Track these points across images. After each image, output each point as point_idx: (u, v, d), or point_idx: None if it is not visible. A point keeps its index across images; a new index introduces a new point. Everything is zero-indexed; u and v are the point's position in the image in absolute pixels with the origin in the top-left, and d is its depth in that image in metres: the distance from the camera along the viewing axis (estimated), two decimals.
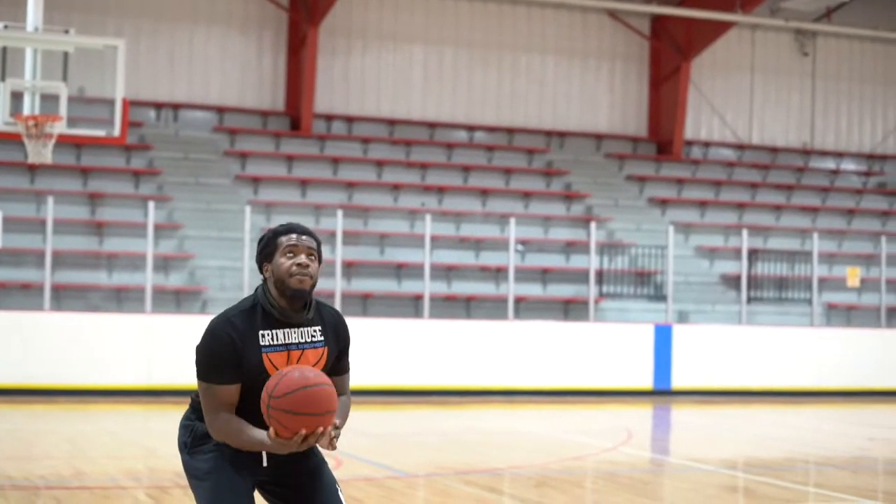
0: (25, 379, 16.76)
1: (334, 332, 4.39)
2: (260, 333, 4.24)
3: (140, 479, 9.94)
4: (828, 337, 20.76)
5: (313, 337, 4.32)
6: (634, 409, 17.95)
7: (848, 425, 16.65)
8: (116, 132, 14.79)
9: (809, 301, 21.56)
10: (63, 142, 15.73)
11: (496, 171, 24.74)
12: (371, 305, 20.17)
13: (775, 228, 24.86)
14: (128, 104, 14.88)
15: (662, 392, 19.46)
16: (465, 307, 20.86)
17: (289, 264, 4.23)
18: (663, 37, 26.63)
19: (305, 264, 4.24)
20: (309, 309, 4.31)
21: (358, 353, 17.49)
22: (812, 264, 21.29)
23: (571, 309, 21.35)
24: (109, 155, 22.05)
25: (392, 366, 18.24)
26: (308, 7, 23.68)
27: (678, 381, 19.55)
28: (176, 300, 19.40)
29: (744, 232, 21.13)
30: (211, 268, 19.91)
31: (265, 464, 4.33)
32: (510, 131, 26.09)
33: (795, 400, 19.73)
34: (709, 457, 12.37)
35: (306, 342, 4.30)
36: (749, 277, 21.44)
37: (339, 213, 18.95)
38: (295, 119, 24.38)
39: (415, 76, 25.52)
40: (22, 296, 18.64)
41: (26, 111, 14.40)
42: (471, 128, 25.92)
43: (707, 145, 27.60)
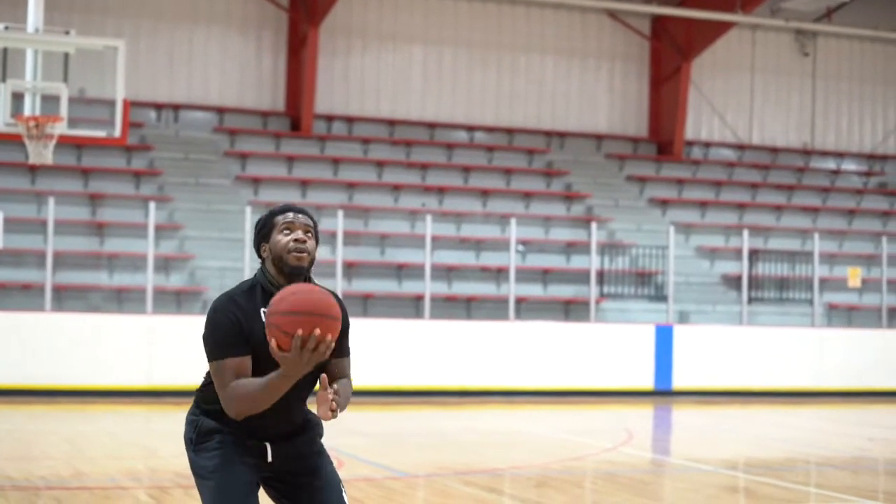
0: (26, 379, 16.76)
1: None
2: (262, 311, 4.24)
3: (140, 480, 9.94)
4: (829, 337, 20.76)
5: None
6: (635, 410, 17.94)
7: (848, 425, 16.64)
8: (117, 133, 14.80)
9: (810, 301, 21.55)
10: (64, 142, 15.74)
11: (496, 172, 24.74)
12: (372, 306, 20.17)
13: (776, 229, 24.86)
14: (128, 105, 14.89)
15: (663, 392, 19.46)
16: (466, 308, 20.86)
17: (286, 241, 4.26)
18: (663, 37, 26.63)
19: (302, 240, 4.27)
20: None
21: (358, 354, 17.48)
22: (813, 264, 21.28)
23: (572, 309, 21.35)
24: (110, 155, 22.06)
25: (393, 366, 18.24)
26: (308, 7, 23.68)
27: (679, 382, 19.54)
28: (176, 301, 19.40)
29: (744, 232, 21.12)
30: (211, 268, 19.92)
31: (270, 459, 4.33)
32: (510, 132, 26.09)
33: (796, 400, 19.73)
34: (709, 457, 12.37)
35: None
36: (750, 278, 21.44)
37: (340, 214, 18.96)
38: (295, 119, 24.38)
39: (415, 76, 25.53)
40: (23, 296, 18.65)
41: (27, 112, 14.41)
42: (471, 128, 25.92)
43: (707, 145, 27.60)
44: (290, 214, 4.33)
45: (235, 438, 4.31)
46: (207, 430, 4.34)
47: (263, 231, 4.35)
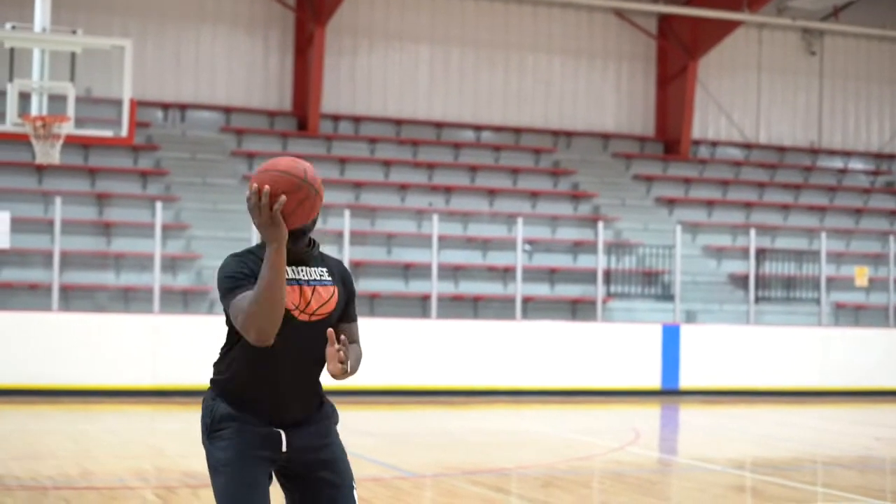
0: (32, 379, 16.78)
1: (341, 277, 4.45)
2: None
3: (147, 479, 9.94)
4: (836, 336, 20.74)
5: (322, 276, 4.38)
6: (642, 409, 17.93)
7: (855, 425, 16.62)
8: (124, 132, 14.81)
9: (817, 301, 21.53)
10: (70, 142, 15.76)
11: (503, 171, 24.74)
12: (378, 305, 20.17)
13: (783, 228, 24.83)
14: (135, 104, 14.90)
15: (670, 392, 19.44)
16: (473, 307, 20.86)
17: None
18: (670, 36, 26.61)
19: None
20: (313, 246, 4.38)
21: (365, 354, 17.46)
22: (820, 264, 21.26)
23: (579, 309, 21.34)
24: (117, 155, 22.08)
25: (399, 366, 18.24)
26: (314, 7, 23.69)
27: (686, 381, 19.53)
28: (183, 300, 19.41)
29: (751, 231, 21.10)
30: (218, 268, 19.90)
31: (284, 448, 4.32)
32: (517, 131, 26.08)
33: (803, 399, 19.70)
34: (716, 457, 12.35)
35: (316, 279, 4.36)
36: (757, 277, 21.42)
37: (347, 213, 18.97)
38: (302, 119, 24.39)
39: (421, 76, 25.53)
40: (30, 296, 18.67)
41: (34, 112, 14.42)
42: (478, 127, 25.91)
43: (714, 145, 27.58)
44: None
45: (250, 427, 4.30)
46: (222, 417, 4.33)
47: None
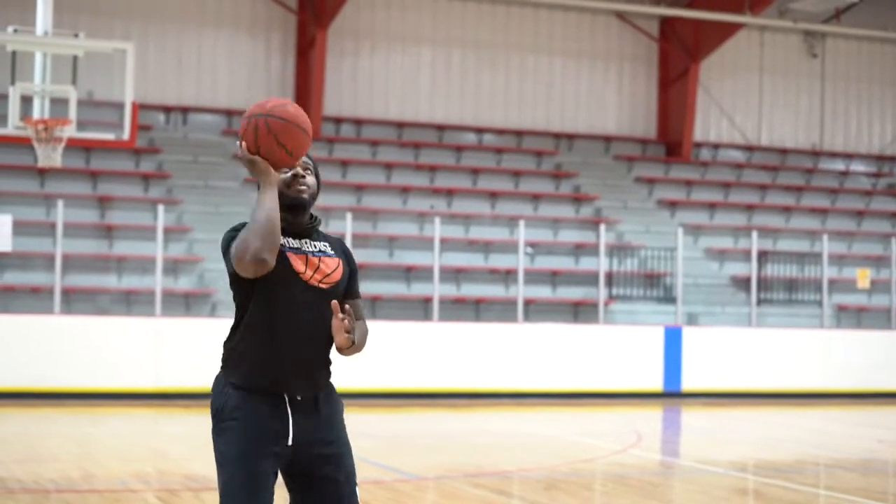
0: (34, 382, 16.78)
1: (343, 252, 4.52)
2: None
3: (149, 482, 9.94)
4: (838, 338, 20.73)
5: (325, 248, 4.45)
6: (644, 412, 17.93)
7: (858, 427, 16.62)
8: (125, 135, 14.82)
9: (819, 303, 21.52)
10: (72, 145, 15.76)
11: (505, 174, 24.74)
12: (380, 308, 20.17)
13: (785, 230, 24.83)
14: (137, 107, 14.91)
15: (672, 394, 19.43)
16: (475, 310, 20.85)
17: (285, 176, 4.42)
18: (672, 38, 26.62)
19: (301, 175, 4.42)
20: (314, 221, 4.46)
21: (367, 356, 17.46)
22: (822, 266, 21.25)
23: (581, 311, 21.34)
24: (118, 158, 22.08)
25: (401, 368, 18.24)
26: (316, 9, 23.70)
27: (688, 384, 19.52)
28: (185, 303, 19.42)
29: (753, 234, 21.10)
30: (220, 271, 19.90)
31: (291, 441, 4.31)
32: (519, 133, 26.08)
33: (805, 402, 19.69)
34: (719, 459, 12.35)
35: (320, 251, 4.42)
36: (759, 279, 21.40)
37: (349, 216, 18.97)
38: None
39: (423, 78, 25.53)
40: (32, 299, 18.67)
41: (36, 115, 14.44)
42: (479, 130, 25.91)
43: (716, 147, 27.57)
44: None
45: (258, 418, 4.28)
46: (231, 408, 4.31)
47: None
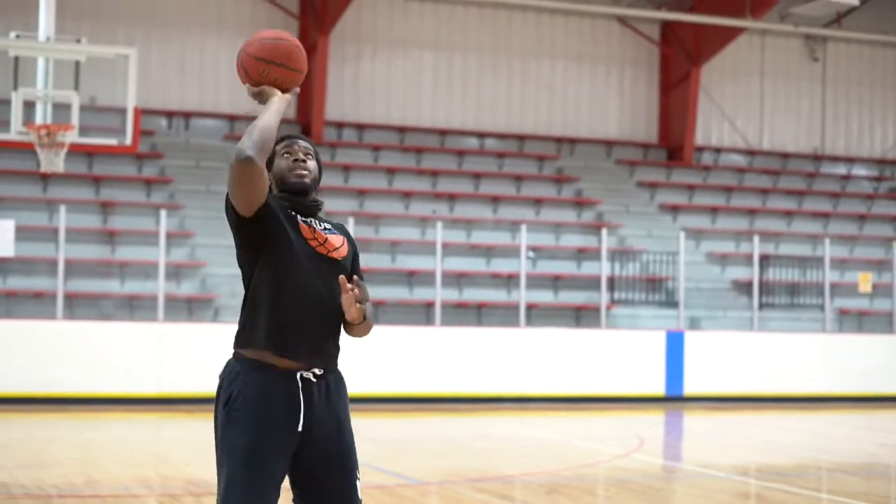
0: (37, 387, 16.79)
1: (346, 234, 4.60)
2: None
3: (152, 487, 9.96)
4: (839, 342, 20.73)
5: (329, 227, 4.53)
6: (646, 416, 17.93)
7: (860, 431, 16.62)
8: (128, 141, 14.85)
9: (821, 307, 21.52)
10: (75, 151, 15.80)
11: (507, 178, 24.75)
12: (382, 313, 20.17)
13: (786, 234, 24.83)
14: (139, 113, 14.95)
15: (674, 398, 19.44)
16: (477, 314, 20.86)
17: (286, 162, 4.47)
18: (673, 42, 26.63)
19: (302, 160, 4.47)
20: (318, 203, 4.51)
21: (369, 361, 17.45)
22: (824, 270, 21.25)
23: (583, 316, 21.34)
24: (121, 163, 22.10)
25: (403, 373, 18.24)
26: (318, 14, 23.72)
27: (690, 388, 19.52)
28: (188, 308, 19.43)
29: (755, 238, 21.11)
30: (222, 275, 19.94)
31: (300, 427, 4.31)
32: (520, 138, 26.10)
33: (807, 406, 19.70)
34: (721, 463, 12.36)
35: (325, 228, 4.50)
36: (760, 283, 21.41)
37: (351, 221, 18.97)
38: (305, 126, 24.41)
39: (425, 83, 25.55)
40: (34, 304, 18.69)
41: (38, 120, 14.47)
42: (481, 134, 25.93)
43: (718, 151, 27.59)
44: (289, 140, 4.54)
45: (271, 405, 4.27)
46: (245, 396, 4.28)
47: (267, 165, 4.49)
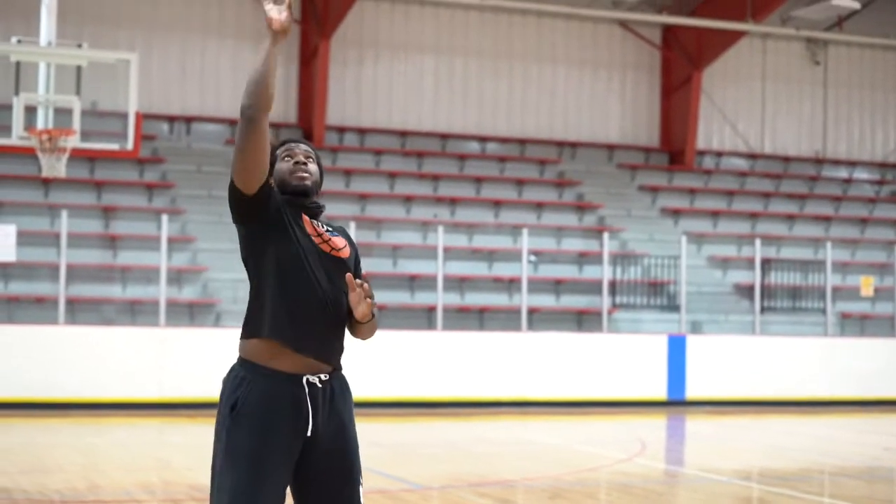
0: (39, 392, 16.79)
1: (347, 238, 4.62)
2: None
3: (154, 493, 9.95)
4: (841, 346, 20.72)
5: (332, 231, 4.55)
6: (648, 420, 17.92)
7: (862, 435, 16.61)
8: (129, 145, 14.84)
9: (823, 310, 21.51)
10: (76, 155, 15.79)
11: (508, 182, 24.75)
12: (384, 317, 20.16)
13: (788, 238, 24.82)
14: (140, 117, 14.94)
15: (676, 402, 19.43)
16: (479, 318, 20.86)
17: (287, 165, 4.54)
18: (674, 46, 26.63)
19: (303, 162, 4.53)
20: (319, 207, 4.54)
21: (371, 365, 17.43)
22: (825, 273, 21.25)
23: (584, 320, 21.34)
24: (122, 168, 22.11)
25: (405, 377, 18.24)
26: (319, 18, 23.73)
27: (692, 392, 19.51)
28: (189, 313, 19.43)
29: (757, 241, 21.10)
30: (224, 280, 19.94)
31: (309, 433, 4.31)
32: (522, 142, 26.10)
33: (810, 410, 19.69)
34: (723, 467, 12.35)
35: (328, 230, 4.52)
36: (762, 287, 21.41)
37: (352, 225, 18.98)
38: (307, 131, 24.41)
39: (426, 87, 25.55)
40: (36, 309, 18.69)
41: (40, 125, 14.47)
42: (483, 138, 25.93)
43: (719, 155, 27.58)
44: (291, 144, 4.63)
45: (277, 409, 4.27)
46: (251, 402, 4.29)
47: (269, 168, 4.53)
